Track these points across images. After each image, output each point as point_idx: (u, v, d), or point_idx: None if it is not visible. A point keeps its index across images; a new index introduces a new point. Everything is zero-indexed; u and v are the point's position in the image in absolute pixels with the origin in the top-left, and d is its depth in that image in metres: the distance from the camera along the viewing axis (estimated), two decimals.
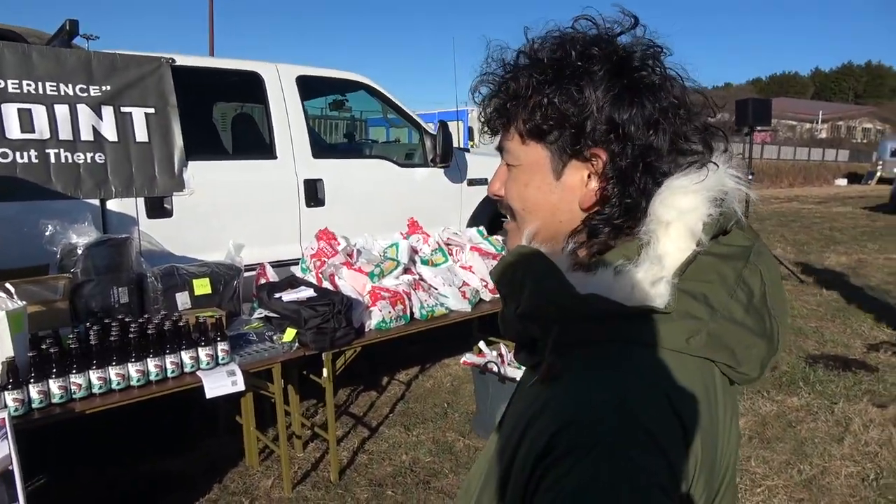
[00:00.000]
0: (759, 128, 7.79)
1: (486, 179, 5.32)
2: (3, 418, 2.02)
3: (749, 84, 70.96)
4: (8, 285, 2.41)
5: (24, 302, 2.41)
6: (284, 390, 3.02)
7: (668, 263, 0.70)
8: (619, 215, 0.74)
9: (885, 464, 3.12)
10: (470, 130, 11.48)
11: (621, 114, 0.72)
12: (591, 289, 0.70)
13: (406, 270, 3.69)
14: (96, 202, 3.44)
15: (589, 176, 0.75)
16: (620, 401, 0.63)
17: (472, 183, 5.20)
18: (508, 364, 3.52)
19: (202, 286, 3.19)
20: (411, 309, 3.46)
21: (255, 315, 3.31)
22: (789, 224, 12.57)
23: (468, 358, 3.63)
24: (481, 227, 4.43)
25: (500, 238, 4.39)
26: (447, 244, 4.08)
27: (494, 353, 3.62)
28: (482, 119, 0.83)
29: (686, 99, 0.76)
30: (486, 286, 3.90)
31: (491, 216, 5.21)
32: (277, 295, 3.17)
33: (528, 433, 0.67)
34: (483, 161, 5.41)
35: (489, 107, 0.81)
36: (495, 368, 3.47)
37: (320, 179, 4.28)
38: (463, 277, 3.88)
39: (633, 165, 0.72)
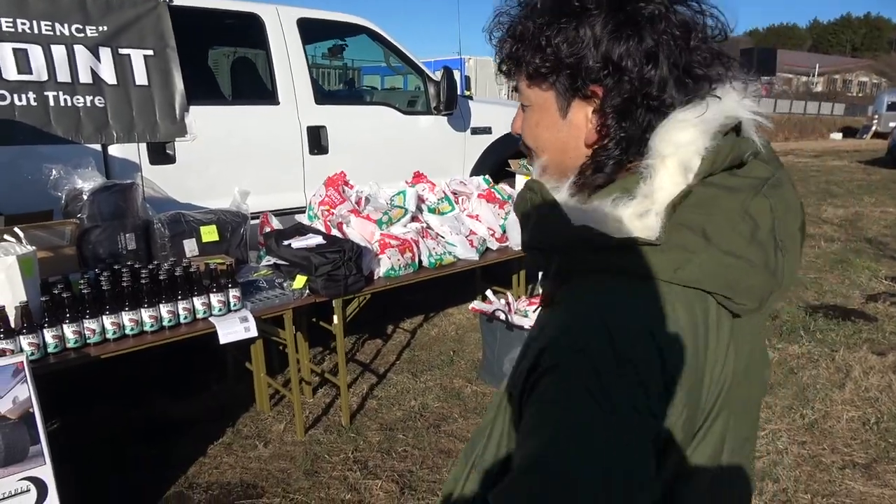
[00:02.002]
0: (763, 78, 7.67)
1: (489, 128, 5.25)
2: (22, 361, 2.01)
3: (746, 35, 69.86)
4: (17, 230, 2.36)
5: (34, 247, 2.37)
6: (295, 336, 3.03)
7: (659, 197, 0.71)
8: (620, 150, 0.76)
9: (885, 408, 3.19)
10: (467, 79, 11.28)
11: (617, 48, 0.72)
12: (585, 220, 0.72)
13: (413, 218, 3.66)
14: (98, 147, 3.36)
15: (592, 113, 0.77)
16: (602, 327, 0.67)
17: (475, 131, 5.12)
18: (515, 312, 3.54)
19: (209, 233, 3.15)
20: (419, 257, 3.45)
21: (264, 262, 3.28)
22: None
23: (476, 304, 3.64)
24: (486, 176, 4.38)
25: (505, 186, 4.35)
26: (454, 193, 4.04)
27: (502, 301, 3.63)
28: (497, 61, 0.85)
29: (696, 26, 0.75)
30: (492, 235, 3.88)
31: (494, 165, 5.16)
32: (286, 242, 3.14)
33: (528, 352, 0.74)
34: (486, 109, 5.32)
35: (502, 50, 0.82)
36: (503, 316, 3.48)
37: (323, 126, 4.20)
38: (470, 226, 3.86)
39: (630, 100, 0.73)
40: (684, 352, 0.68)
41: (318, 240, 3.13)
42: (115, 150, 3.44)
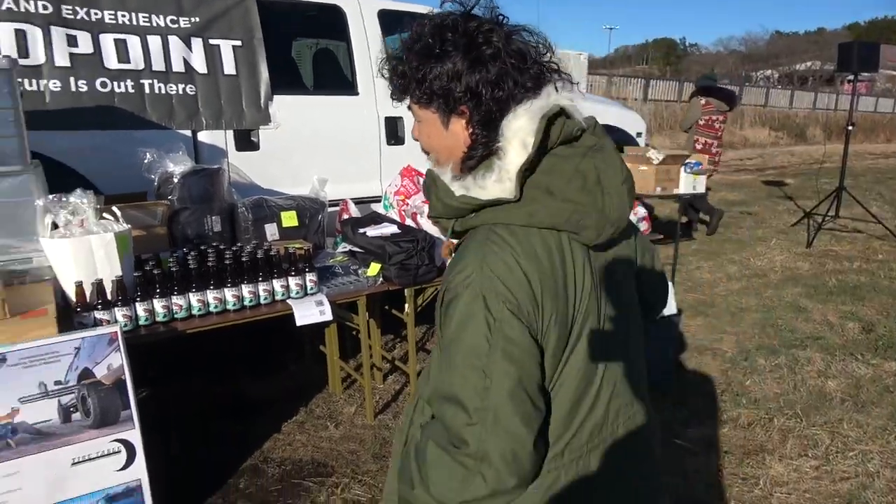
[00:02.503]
0: (863, 75, 7.16)
1: None
2: (116, 331, 2.13)
3: (845, 29, 65.62)
4: (115, 209, 2.50)
5: (129, 225, 2.51)
6: (367, 323, 3.08)
7: (510, 167, 0.99)
8: (485, 147, 1.03)
9: None
10: None
11: (473, 79, 1.00)
12: (462, 192, 1.03)
13: None
14: (188, 133, 3.52)
15: (466, 124, 1.05)
16: (482, 262, 0.97)
17: None
18: None
19: (289, 218, 3.25)
20: None
21: (340, 249, 3.35)
22: (886, 181, 11.75)
23: None
24: None
25: None
26: None
27: None
28: (389, 89, 1.12)
29: (528, 51, 1.03)
30: None
31: None
32: (361, 230, 3.19)
33: (439, 293, 1.04)
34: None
35: (393, 83, 1.10)
36: None
37: (400, 117, 4.24)
38: None
39: (488, 113, 1.02)
40: (543, 272, 0.97)
41: (393, 229, 3.17)
42: (204, 136, 3.59)
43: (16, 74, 2.39)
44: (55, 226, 2.36)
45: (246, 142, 3.72)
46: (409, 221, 3.43)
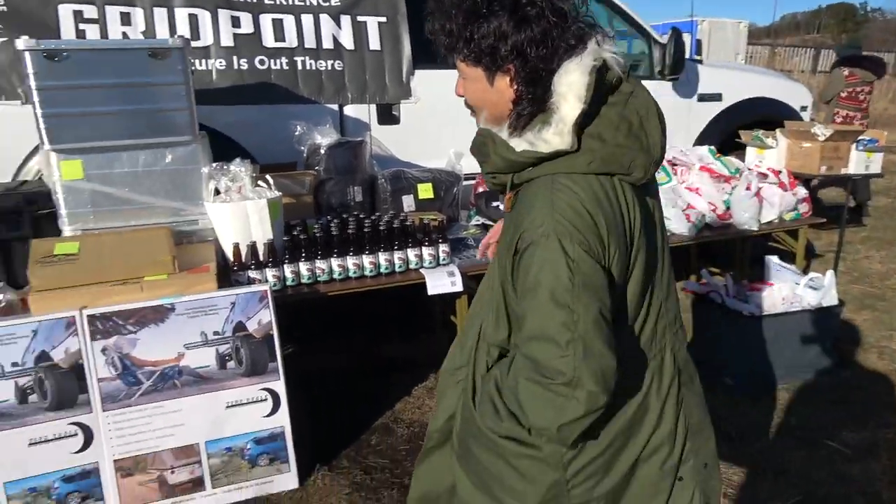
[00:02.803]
0: None
1: (719, 95, 4.80)
2: (267, 290, 2.31)
3: None
4: (268, 177, 2.70)
5: (280, 193, 2.69)
6: None
7: (567, 120, 1.06)
8: (532, 104, 1.09)
9: None
10: (698, 43, 10.39)
11: (518, 38, 1.05)
12: (524, 146, 1.10)
13: None
14: (335, 107, 3.70)
15: (510, 81, 1.10)
16: (552, 210, 1.05)
17: (702, 98, 4.72)
18: (734, 296, 3.23)
19: (426, 190, 3.33)
20: None
21: (473, 222, 3.39)
22: None
23: (689, 286, 3.40)
24: (712, 147, 4.03)
25: (733, 159, 3.97)
26: (672, 163, 3.79)
27: (719, 283, 3.34)
28: (435, 45, 1.16)
29: (570, 11, 1.08)
30: (713, 211, 3.57)
31: (722, 135, 4.72)
32: (495, 203, 3.20)
33: (509, 245, 1.12)
34: (717, 74, 4.87)
35: (438, 42, 1.14)
36: (718, 299, 3.21)
37: None
38: (688, 199, 3.59)
39: (534, 71, 1.07)
40: (606, 214, 1.06)
41: None
42: (349, 110, 3.76)
43: (188, 54, 2.64)
44: (217, 191, 2.59)
45: (387, 116, 3.85)
46: None
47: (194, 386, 2.27)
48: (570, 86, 1.05)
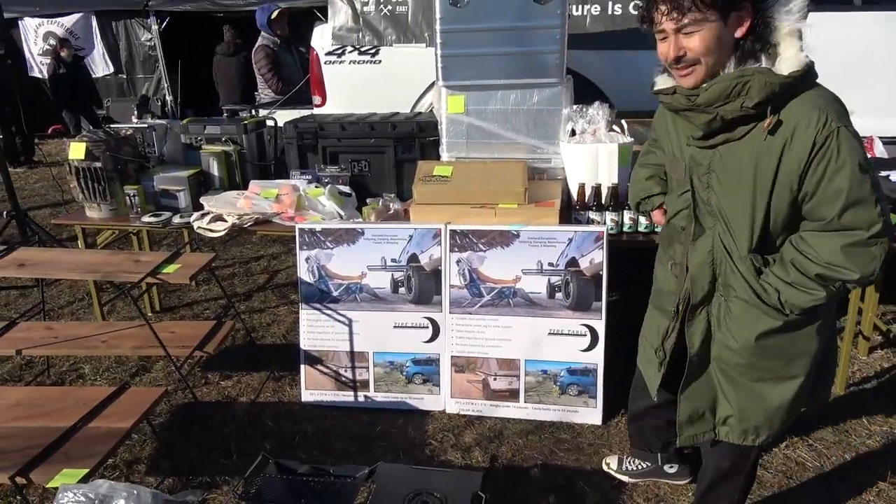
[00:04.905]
0: None
1: None
2: (603, 232, 2.39)
3: None
4: (623, 122, 2.72)
5: (632, 139, 2.70)
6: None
7: (799, 43, 1.32)
8: (764, 33, 1.34)
9: None
10: None
11: None
12: (784, 69, 1.31)
13: None
14: None
15: (741, 18, 1.34)
16: (828, 105, 1.31)
17: None
18: None
19: None
20: None
21: None
22: None
23: None
24: None
25: None
26: None
27: None
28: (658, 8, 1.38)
29: None
30: None
31: None
32: (885, 173, 2.68)
33: (789, 148, 1.34)
34: None
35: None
36: None
37: None
38: None
39: (765, 7, 1.34)
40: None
41: None
42: None
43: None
44: (573, 132, 2.72)
45: None
46: None
47: (524, 308, 2.51)
48: (794, 13, 1.30)
